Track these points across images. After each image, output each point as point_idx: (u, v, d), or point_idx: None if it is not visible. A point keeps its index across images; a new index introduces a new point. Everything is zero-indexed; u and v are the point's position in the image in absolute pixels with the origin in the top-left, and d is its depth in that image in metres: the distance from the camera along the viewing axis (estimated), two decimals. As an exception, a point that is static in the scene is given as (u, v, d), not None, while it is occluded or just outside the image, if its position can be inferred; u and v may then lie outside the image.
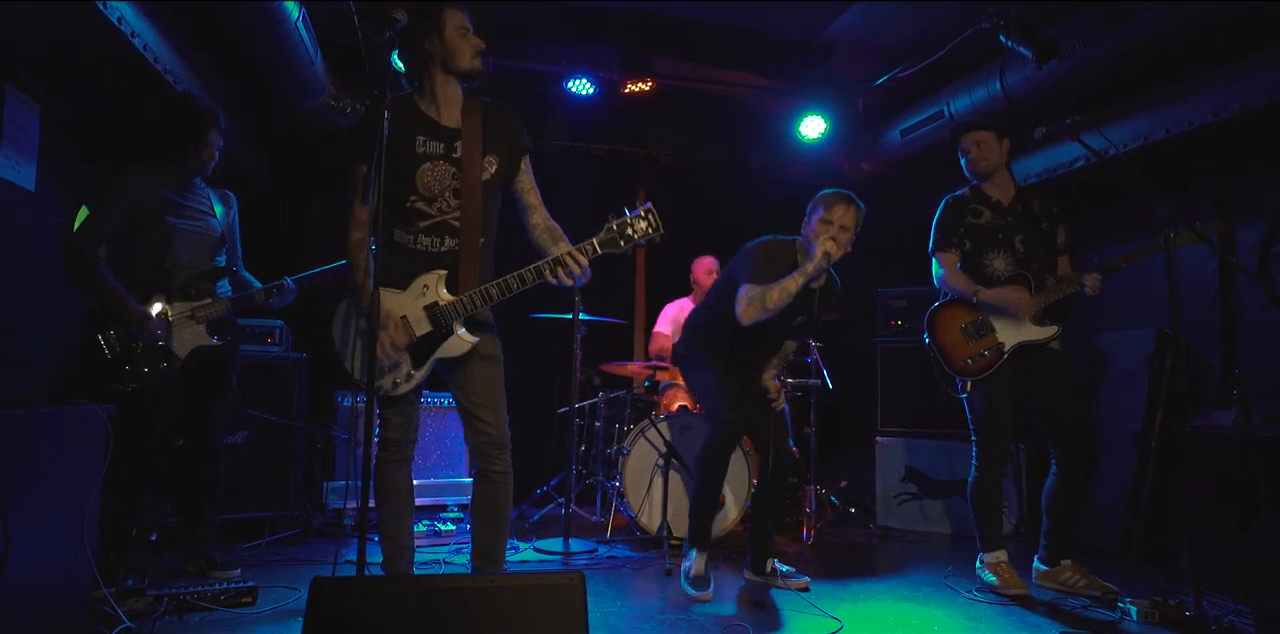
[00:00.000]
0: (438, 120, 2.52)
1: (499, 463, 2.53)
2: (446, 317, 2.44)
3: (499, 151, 2.55)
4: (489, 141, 2.54)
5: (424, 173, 2.47)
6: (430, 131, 2.50)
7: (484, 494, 2.56)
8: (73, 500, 2.28)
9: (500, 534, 2.59)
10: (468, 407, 2.54)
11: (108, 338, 3.02)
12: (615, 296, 5.98)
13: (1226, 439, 3.24)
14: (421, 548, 3.77)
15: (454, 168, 2.49)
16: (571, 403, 4.28)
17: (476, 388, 2.53)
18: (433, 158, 2.48)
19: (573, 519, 4.10)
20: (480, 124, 2.54)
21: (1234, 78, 3.50)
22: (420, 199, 2.47)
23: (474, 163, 2.49)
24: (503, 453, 2.53)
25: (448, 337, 2.46)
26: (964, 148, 3.44)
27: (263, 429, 4.08)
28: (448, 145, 2.50)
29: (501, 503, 2.56)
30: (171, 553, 3.49)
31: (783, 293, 3.00)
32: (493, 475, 2.53)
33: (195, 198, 3.27)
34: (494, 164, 2.54)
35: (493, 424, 2.53)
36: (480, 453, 2.54)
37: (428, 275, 2.46)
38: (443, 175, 2.48)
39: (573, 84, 5.14)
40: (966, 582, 3.39)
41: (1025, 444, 4.52)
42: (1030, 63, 3.82)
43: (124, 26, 2.90)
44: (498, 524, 2.58)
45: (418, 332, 2.46)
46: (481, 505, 2.57)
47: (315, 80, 4.25)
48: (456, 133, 2.52)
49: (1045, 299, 3.26)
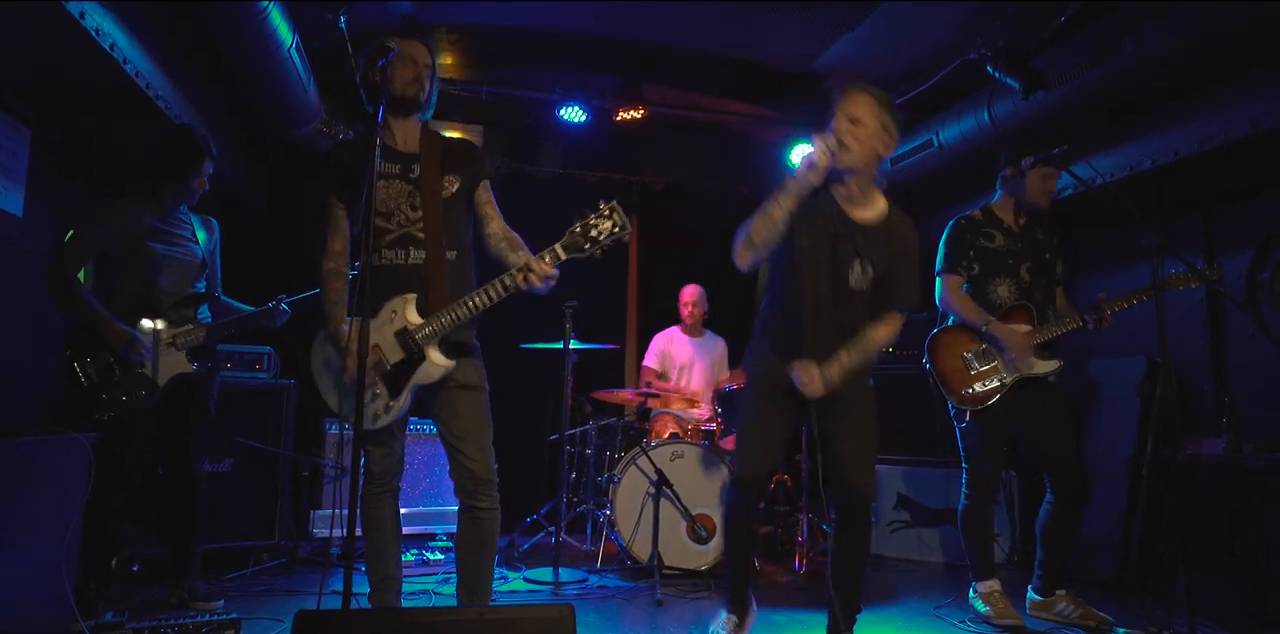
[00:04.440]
0: (394, 146, 2.55)
1: (485, 500, 2.47)
2: (417, 343, 2.42)
3: (460, 172, 2.57)
4: (447, 165, 2.56)
5: (381, 188, 2.48)
6: (386, 155, 2.51)
7: (469, 531, 2.51)
8: (52, 530, 2.24)
9: (486, 572, 2.54)
10: (450, 440, 2.49)
11: (84, 365, 2.96)
12: (606, 323, 5.97)
13: (1218, 468, 3.24)
14: (410, 577, 3.71)
15: (410, 186, 2.51)
16: (562, 430, 4.25)
17: (459, 421, 2.49)
18: (387, 177, 2.50)
19: (563, 548, 4.05)
20: (439, 151, 2.58)
21: (1218, 108, 3.54)
22: (378, 215, 2.46)
23: (433, 180, 2.51)
24: (489, 489, 2.48)
25: (421, 362, 2.43)
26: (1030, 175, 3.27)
27: (249, 457, 4.03)
28: (404, 167, 2.53)
29: (487, 541, 2.50)
30: (154, 583, 3.43)
31: (765, 218, 2.50)
32: (478, 512, 2.48)
33: (178, 224, 3.25)
34: (455, 183, 2.55)
35: (476, 459, 2.47)
36: (464, 489, 2.49)
37: (395, 300, 2.43)
38: (397, 193, 2.50)
39: (565, 111, 5.18)
40: (959, 612, 3.35)
41: (1018, 473, 4.50)
42: (1018, 93, 3.87)
43: (116, 53, 2.91)
44: (484, 562, 2.52)
45: (391, 359, 2.43)
46: (467, 543, 2.51)
47: (308, 107, 4.28)
48: (414, 157, 2.55)
49: (1045, 335, 3.22)
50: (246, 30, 3.29)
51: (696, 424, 4.60)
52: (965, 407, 3.24)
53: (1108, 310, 3.19)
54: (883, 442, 4.74)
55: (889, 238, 2.62)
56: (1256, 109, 3.37)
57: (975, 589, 3.28)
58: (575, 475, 4.83)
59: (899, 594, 3.76)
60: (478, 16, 4.45)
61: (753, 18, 4.36)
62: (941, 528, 4.54)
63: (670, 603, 3.49)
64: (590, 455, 4.75)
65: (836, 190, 2.63)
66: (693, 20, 4.44)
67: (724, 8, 4.23)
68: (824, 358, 2.57)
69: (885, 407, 4.80)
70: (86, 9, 2.66)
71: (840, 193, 2.64)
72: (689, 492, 4.02)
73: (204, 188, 3.27)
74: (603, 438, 4.77)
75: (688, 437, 4.41)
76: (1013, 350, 3.16)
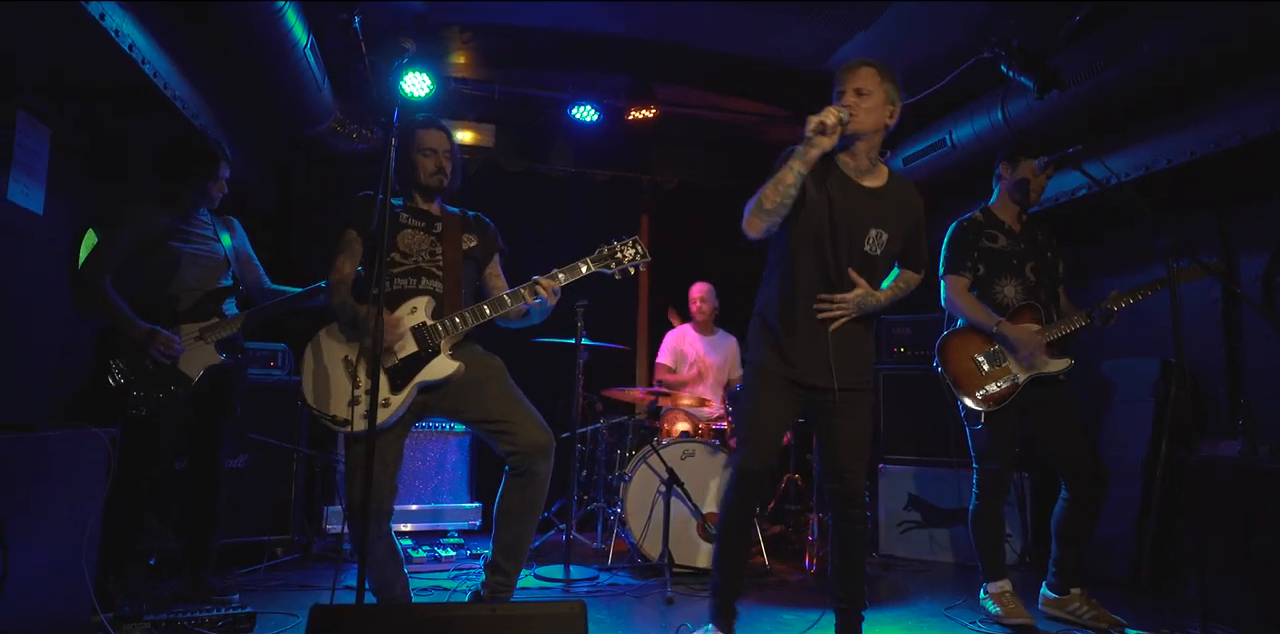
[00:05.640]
0: (421, 208, 2.78)
1: (542, 466, 2.56)
2: (435, 335, 2.48)
3: (477, 235, 2.81)
4: (467, 228, 2.80)
5: (404, 236, 2.68)
6: (413, 213, 2.75)
7: (518, 495, 2.58)
8: (73, 524, 2.27)
9: (528, 536, 2.62)
10: (492, 421, 2.56)
11: (116, 363, 3.00)
12: (618, 322, 5.98)
13: (1233, 470, 3.22)
14: (421, 574, 3.75)
15: (432, 237, 2.71)
16: (573, 428, 4.27)
17: (493, 401, 2.58)
18: (413, 227, 2.71)
19: (574, 546, 4.07)
20: (459, 220, 2.82)
21: (1234, 107, 3.52)
22: (398, 253, 2.65)
23: (454, 236, 2.74)
24: (547, 455, 2.57)
25: (433, 357, 2.48)
26: (1022, 173, 3.32)
27: (264, 453, 4.07)
28: (428, 224, 2.74)
29: (536, 505, 2.59)
30: (171, 577, 3.47)
31: (778, 183, 2.49)
32: (534, 477, 2.55)
33: (199, 224, 3.29)
34: (473, 241, 2.79)
35: (527, 426, 2.56)
36: (524, 456, 2.55)
37: (416, 299, 2.56)
38: (420, 241, 2.69)
39: (577, 111, 5.19)
40: (970, 612, 3.35)
41: (1029, 473, 4.48)
42: (1032, 92, 3.85)
43: (135, 53, 2.94)
44: (526, 526, 2.61)
45: (401, 353, 2.48)
46: (513, 507, 2.59)
47: (322, 106, 4.31)
48: (438, 218, 2.77)
49: (1054, 334, 3.22)
50: (262, 30, 3.31)
51: (708, 423, 4.60)
52: (980, 409, 3.21)
53: (1113, 306, 3.19)
54: (894, 442, 4.84)
55: (899, 203, 2.67)
56: (1274, 109, 3.34)
57: (986, 590, 3.27)
58: (586, 473, 4.85)
59: (910, 594, 3.75)
60: (490, 16, 4.47)
61: (765, 17, 4.35)
62: (953, 528, 4.52)
63: (681, 601, 3.50)
64: (601, 453, 4.76)
65: (844, 162, 2.65)
66: (705, 19, 4.44)
67: (736, 7, 4.23)
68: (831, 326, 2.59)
69: (896, 407, 4.88)
70: (106, 10, 2.69)
71: (848, 164, 2.66)
72: (700, 490, 4.03)
73: (223, 192, 3.33)
74: (614, 436, 4.78)
75: (699, 435, 4.41)
76: (1025, 350, 3.16)
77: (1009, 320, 3.23)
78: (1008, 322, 3.22)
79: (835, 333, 2.57)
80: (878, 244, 2.62)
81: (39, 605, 2.14)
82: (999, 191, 3.45)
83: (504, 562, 2.56)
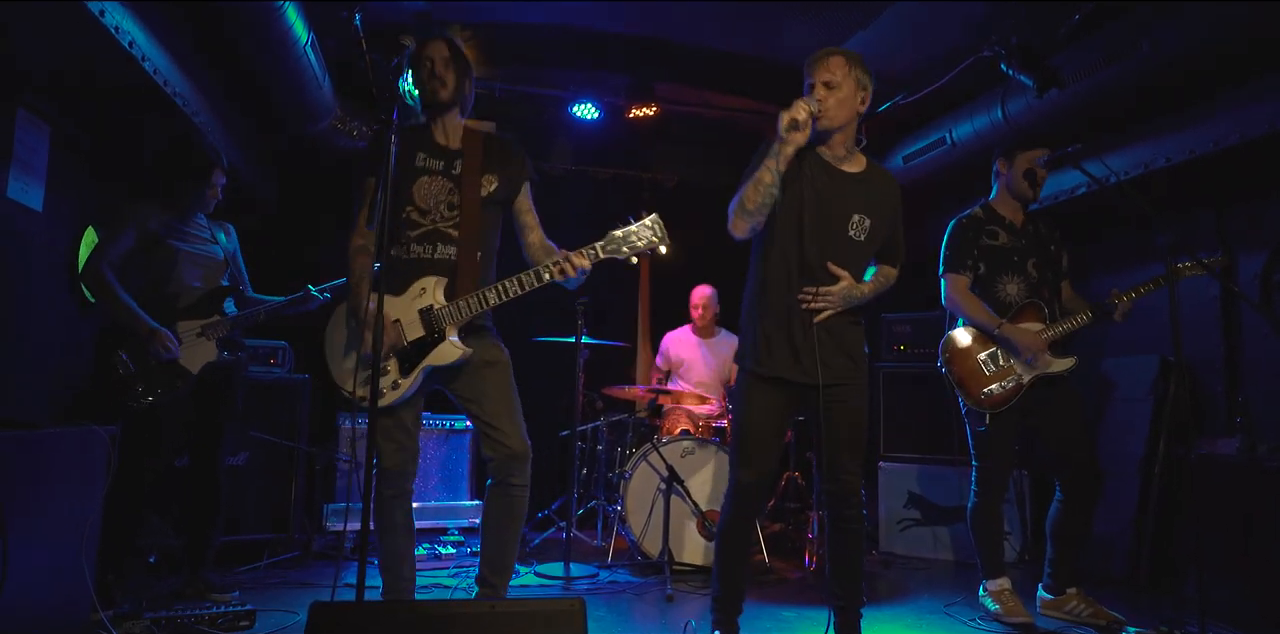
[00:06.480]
0: (440, 142, 2.62)
1: (520, 476, 2.52)
2: (440, 320, 2.45)
3: (500, 173, 2.62)
4: (489, 163, 2.61)
5: (421, 185, 2.55)
6: (431, 150, 2.60)
7: (499, 506, 2.55)
8: (73, 521, 2.27)
9: (511, 547, 2.58)
10: (483, 419, 2.53)
11: (123, 355, 3.03)
12: (618, 320, 5.98)
13: (1232, 467, 3.23)
14: (422, 572, 3.73)
15: (451, 184, 2.56)
16: (573, 426, 4.27)
17: (489, 402, 2.53)
18: (431, 172, 2.56)
19: (574, 543, 4.07)
20: (481, 148, 2.63)
21: (1234, 107, 3.52)
22: (415, 210, 2.54)
23: (473, 179, 2.57)
24: (524, 464, 2.53)
25: (439, 343, 2.45)
26: (1022, 166, 3.31)
27: (264, 450, 4.08)
28: (447, 163, 2.59)
29: (516, 516, 2.56)
30: (170, 574, 3.47)
31: (757, 184, 2.47)
32: (512, 489, 2.53)
33: (197, 226, 3.33)
34: (494, 183, 2.60)
35: (512, 436, 2.52)
36: (501, 465, 2.53)
37: (426, 279, 2.49)
38: (439, 189, 2.55)
39: (578, 108, 5.20)
40: (969, 610, 3.35)
41: (1029, 471, 4.49)
42: (1031, 91, 3.85)
43: (135, 51, 2.94)
44: (509, 538, 2.57)
45: (409, 336, 2.46)
46: (495, 518, 2.56)
47: (323, 103, 4.30)
48: (457, 153, 2.61)
49: (1058, 332, 3.21)
50: (263, 28, 3.31)
51: (708, 421, 4.60)
52: (985, 409, 3.20)
53: (1119, 301, 3.18)
54: (894, 440, 4.84)
55: (880, 189, 2.68)
56: (1273, 108, 3.34)
57: (985, 587, 3.28)
58: (586, 471, 4.85)
59: (910, 592, 3.76)
60: (491, 14, 4.46)
61: (765, 16, 4.35)
62: (952, 526, 4.53)
63: (680, 598, 3.51)
64: (601, 451, 4.77)
65: (821, 152, 2.65)
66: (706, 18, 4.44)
67: (737, 7, 4.23)
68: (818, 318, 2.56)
69: (896, 405, 4.88)
70: (107, 8, 2.69)
71: (826, 153, 2.66)
72: (700, 488, 4.04)
73: (217, 197, 3.35)
74: (614, 434, 4.79)
75: (699, 433, 4.42)
76: (1028, 352, 3.15)
77: (1011, 320, 3.23)
78: (1009, 322, 3.21)
79: (822, 326, 2.56)
80: (861, 229, 2.61)
81: (39, 603, 2.14)
82: (998, 188, 3.45)
83: (490, 575, 2.54)
